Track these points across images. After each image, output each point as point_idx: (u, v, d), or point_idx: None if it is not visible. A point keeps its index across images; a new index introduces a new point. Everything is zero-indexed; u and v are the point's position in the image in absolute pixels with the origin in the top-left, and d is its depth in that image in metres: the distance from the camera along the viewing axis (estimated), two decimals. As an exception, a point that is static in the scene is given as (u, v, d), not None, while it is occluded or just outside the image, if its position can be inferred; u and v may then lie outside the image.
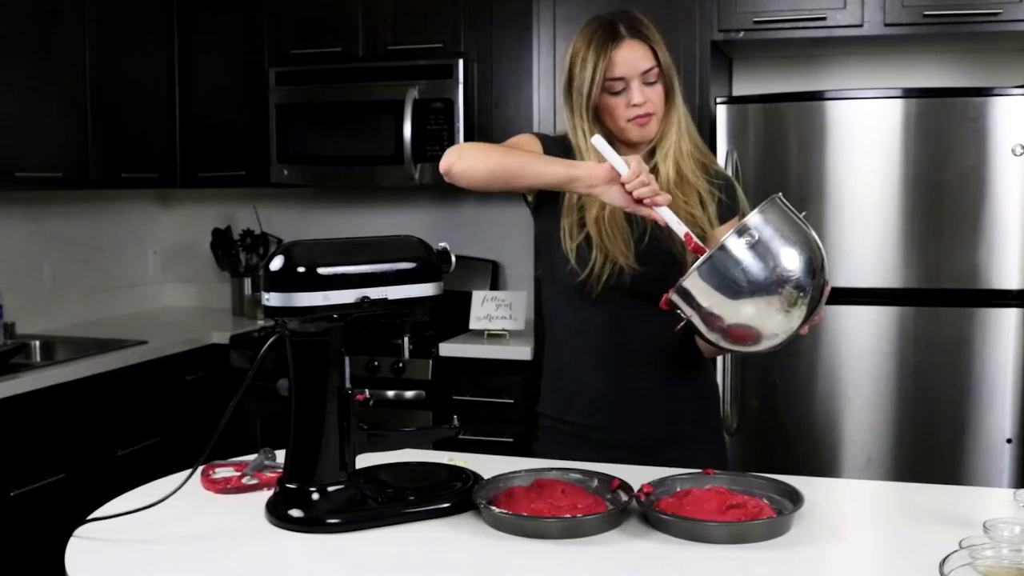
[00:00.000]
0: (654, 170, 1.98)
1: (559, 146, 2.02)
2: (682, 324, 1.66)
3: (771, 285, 1.57)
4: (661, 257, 1.95)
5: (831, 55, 3.62)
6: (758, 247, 1.57)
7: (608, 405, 2.01)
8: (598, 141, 1.75)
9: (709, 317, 1.61)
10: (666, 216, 1.72)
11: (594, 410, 2.01)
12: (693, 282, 1.61)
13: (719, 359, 3.06)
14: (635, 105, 1.92)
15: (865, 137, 2.93)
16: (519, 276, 4.01)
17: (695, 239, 1.70)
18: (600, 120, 1.97)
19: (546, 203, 2.02)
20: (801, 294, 1.58)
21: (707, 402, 2.11)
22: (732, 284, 1.58)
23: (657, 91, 1.95)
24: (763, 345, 1.64)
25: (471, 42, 3.70)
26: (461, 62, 3.67)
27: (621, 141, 1.98)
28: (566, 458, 1.91)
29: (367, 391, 1.70)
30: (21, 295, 3.71)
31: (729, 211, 2.04)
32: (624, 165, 1.71)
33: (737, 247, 1.58)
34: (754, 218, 1.60)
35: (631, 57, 1.92)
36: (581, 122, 1.95)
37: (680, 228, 1.71)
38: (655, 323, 1.96)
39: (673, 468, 1.82)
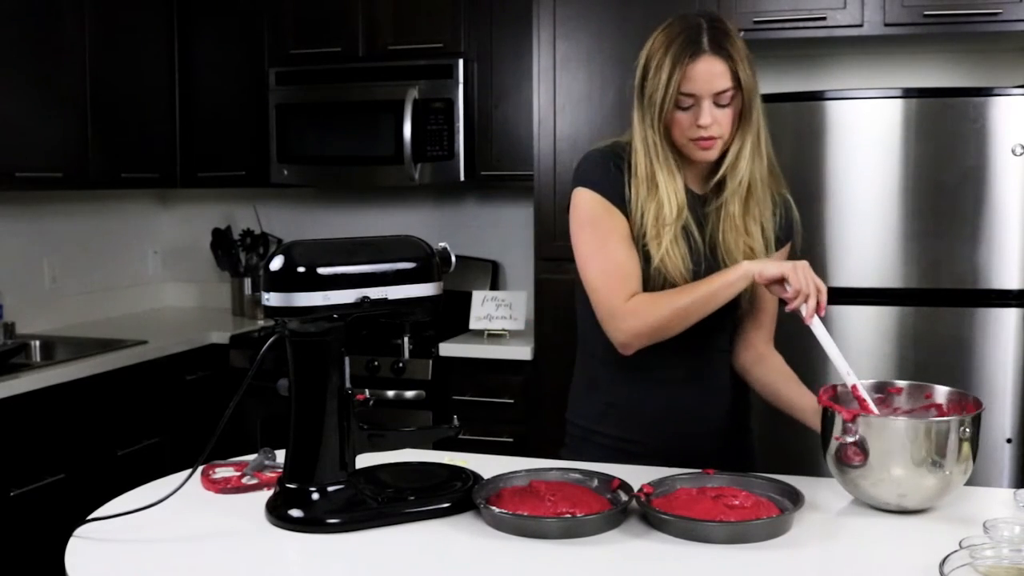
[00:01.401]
0: (720, 199, 1.90)
1: (611, 163, 1.91)
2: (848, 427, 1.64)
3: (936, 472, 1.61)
4: None
5: (831, 55, 3.61)
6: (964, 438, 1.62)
7: (645, 420, 1.97)
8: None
9: (867, 448, 1.62)
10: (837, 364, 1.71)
11: (630, 424, 1.98)
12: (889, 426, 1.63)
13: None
14: (701, 125, 1.82)
15: (865, 137, 2.93)
16: (519, 276, 4.01)
17: (868, 402, 1.68)
18: (666, 129, 1.86)
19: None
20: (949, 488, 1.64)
21: (742, 421, 2.09)
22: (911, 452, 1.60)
23: (728, 114, 1.83)
24: (861, 484, 1.65)
25: (471, 42, 3.70)
26: (461, 62, 3.67)
27: (682, 156, 1.90)
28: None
29: (367, 391, 1.70)
30: (21, 295, 3.72)
31: (785, 238, 2.01)
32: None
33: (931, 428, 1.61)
34: (956, 419, 1.63)
35: (707, 75, 1.80)
36: (651, 133, 1.85)
37: (850, 378, 1.68)
38: (696, 345, 1.94)
39: (673, 468, 1.83)
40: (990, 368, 2.90)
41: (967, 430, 1.60)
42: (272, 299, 1.60)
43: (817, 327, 1.73)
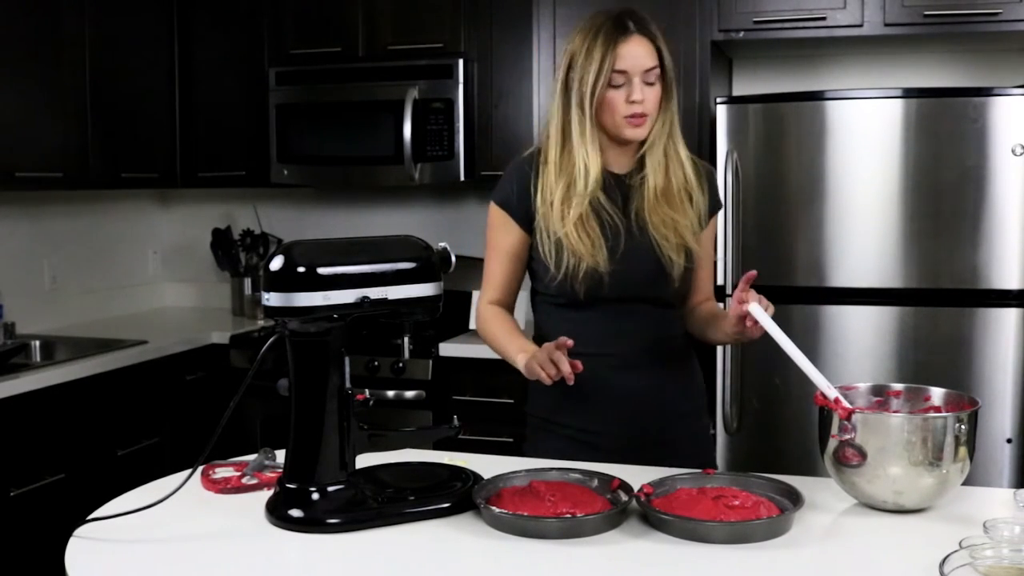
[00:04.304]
0: (643, 177, 2.00)
1: (516, 172, 2.06)
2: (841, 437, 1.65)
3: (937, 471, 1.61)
4: (641, 256, 1.98)
5: (831, 55, 3.61)
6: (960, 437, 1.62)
7: (598, 407, 2.02)
8: (755, 309, 1.76)
9: (865, 451, 1.61)
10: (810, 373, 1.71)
11: (583, 412, 2.02)
12: (882, 421, 1.63)
13: (718, 359, 3.05)
14: (633, 102, 1.92)
15: (865, 137, 2.93)
16: (519, 276, 4.00)
17: (843, 401, 1.68)
18: (596, 115, 1.96)
19: (532, 224, 2.04)
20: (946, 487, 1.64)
21: (696, 404, 2.13)
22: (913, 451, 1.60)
23: (655, 92, 1.95)
24: (858, 482, 1.65)
25: (471, 42, 3.70)
26: (461, 62, 3.67)
27: (612, 138, 1.99)
28: (556, 459, 1.92)
29: (367, 391, 1.70)
30: (21, 295, 3.71)
31: (712, 211, 2.08)
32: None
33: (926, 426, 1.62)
34: (952, 415, 1.63)
35: (637, 52, 1.92)
36: (578, 115, 1.95)
37: (831, 392, 1.69)
38: (645, 328, 2.01)
39: (672, 468, 1.83)
40: (990, 368, 2.90)
41: (963, 427, 1.60)
42: (272, 299, 1.60)
43: (790, 348, 1.72)
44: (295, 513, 1.61)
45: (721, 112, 3.04)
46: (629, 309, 2.00)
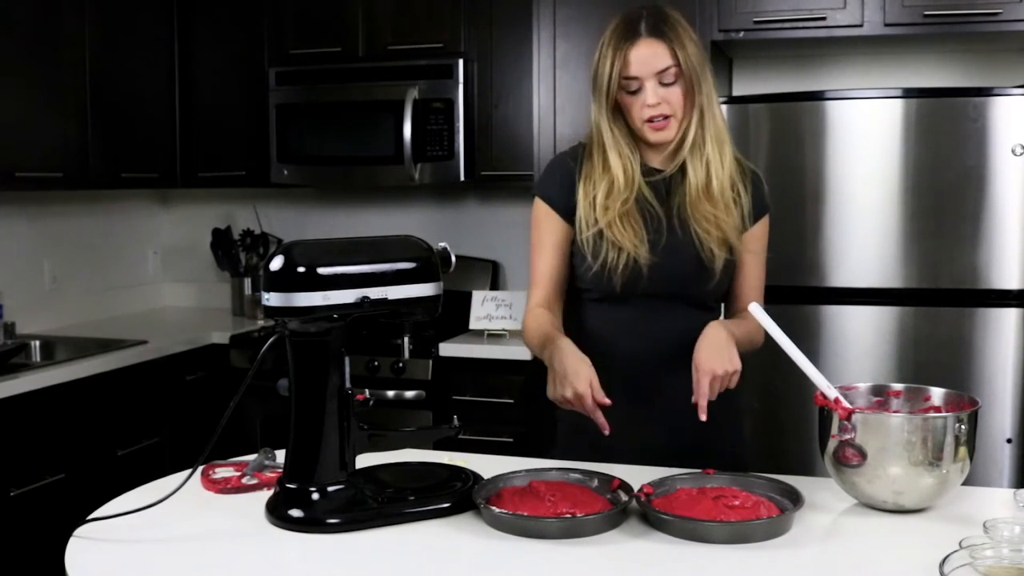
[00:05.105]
0: (683, 175, 1.97)
1: (560, 166, 2.04)
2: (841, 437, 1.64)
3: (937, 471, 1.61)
4: (681, 251, 1.95)
5: (831, 55, 3.62)
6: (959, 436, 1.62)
7: (629, 414, 1.97)
8: (755, 308, 1.76)
9: (865, 451, 1.61)
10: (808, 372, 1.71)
11: (615, 417, 1.96)
12: (883, 421, 1.63)
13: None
14: (649, 106, 1.91)
15: (865, 137, 2.93)
16: (519, 276, 4.01)
17: (843, 401, 1.68)
18: (622, 117, 1.96)
19: (574, 216, 2.00)
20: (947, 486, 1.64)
21: (732, 407, 2.07)
22: (911, 451, 1.60)
23: (676, 93, 1.92)
24: (858, 482, 1.65)
25: (471, 42, 3.70)
26: (461, 62, 3.67)
27: (641, 140, 1.98)
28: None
29: (367, 391, 1.70)
30: (21, 295, 3.71)
31: (760, 211, 2.04)
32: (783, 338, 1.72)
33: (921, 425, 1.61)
34: (952, 415, 1.64)
35: (645, 56, 1.90)
36: (602, 118, 1.96)
37: (831, 392, 1.69)
38: (680, 328, 1.95)
39: (673, 469, 1.83)
40: (990, 368, 2.90)
41: (963, 427, 1.60)
42: (272, 299, 1.60)
43: (791, 348, 1.72)
44: (295, 513, 1.61)
45: (721, 112, 3.04)
46: (665, 307, 1.97)
